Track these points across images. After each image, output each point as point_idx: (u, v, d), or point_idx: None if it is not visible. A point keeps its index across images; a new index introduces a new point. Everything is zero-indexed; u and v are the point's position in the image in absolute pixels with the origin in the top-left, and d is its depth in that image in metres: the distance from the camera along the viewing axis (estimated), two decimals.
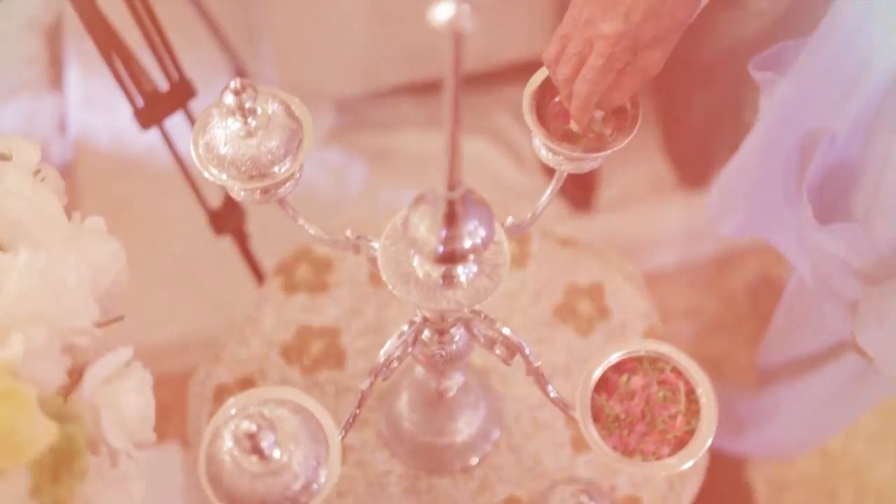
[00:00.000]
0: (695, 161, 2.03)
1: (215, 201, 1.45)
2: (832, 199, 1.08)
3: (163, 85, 1.39)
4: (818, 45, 1.00)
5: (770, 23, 1.76)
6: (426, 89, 2.01)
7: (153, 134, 1.40)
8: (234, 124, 0.83)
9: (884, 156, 0.96)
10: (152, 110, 1.37)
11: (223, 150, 0.84)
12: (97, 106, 2.06)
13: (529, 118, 0.88)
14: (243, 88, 0.81)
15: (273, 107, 0.85)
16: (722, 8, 1.76)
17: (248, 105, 0.82)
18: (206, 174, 0.84)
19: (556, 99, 0.90)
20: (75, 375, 0.75)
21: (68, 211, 0.82)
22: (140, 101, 1.37)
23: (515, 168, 2.00)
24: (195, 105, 1.42)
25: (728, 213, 1.23)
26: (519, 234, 0.92)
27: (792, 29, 1.09)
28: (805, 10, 1.50)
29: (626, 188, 2.03)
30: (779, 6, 1.74)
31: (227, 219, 1.47)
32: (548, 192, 0.92)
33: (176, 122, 1.41)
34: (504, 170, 2.00)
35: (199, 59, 2.06)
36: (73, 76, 2.10)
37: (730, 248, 2.03)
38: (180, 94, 1.38)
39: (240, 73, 2.08)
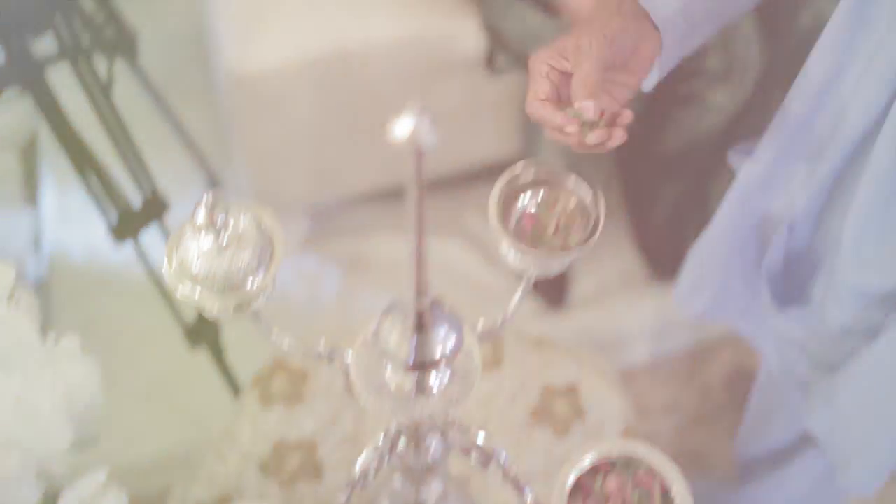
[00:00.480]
0: (665, 254, 2.06)
1: (190, 314, 1.46)
2: (794, 284, 1.10)
3: (136, 199, 1.41)
4: (773, 134, 1.03)
5: (729, 117, 1.81)
6: (398, 194, 2.04)
7: (128, 248, 1.41)
8: (207, 240, 0.84)
9: (835, 241, 0.99)
10: (126, 225, 1.39)
11: (196, 267, 0.84)
12: (72, 221, 2.07)
13: (496, 224, 0.90)
14: (214, 205, 0.82)
15: (245, 221, 0.86)
16: (682, 105, 1.81)
17: (219, 221, 0.83)
18: (177, 293, 0.85)
19: (521, 204, 0.92)
20: (50, 500, 0.74)
21: (44, 329, 0.82)
22: (114, 216, 1.38)
23: (487, 268, 2.02)
24: (169, 215, 1.44)
25: (695, 292, 1.25)
26: (491, 338, 0.93)
27: (750, 122, 1.13)
28: (762, 103, 1.55)
29: (598, 284, 2.05)
30: (736, 100, 1.79)
31: (203, 331, 1.47)
32: (517, 295, 0.93)
33: (150, 236, 1.43)
34: (476, 270, 2.02)
35: (173, 170, 2.09)
36: (48, 192, 2.12)
37: (705, 340, 2.04)
38: (154, 208, 1.40)
39: (213, 182, 2.10)
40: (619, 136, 0.87)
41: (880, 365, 0.97)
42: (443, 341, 0.71)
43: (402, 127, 0.53)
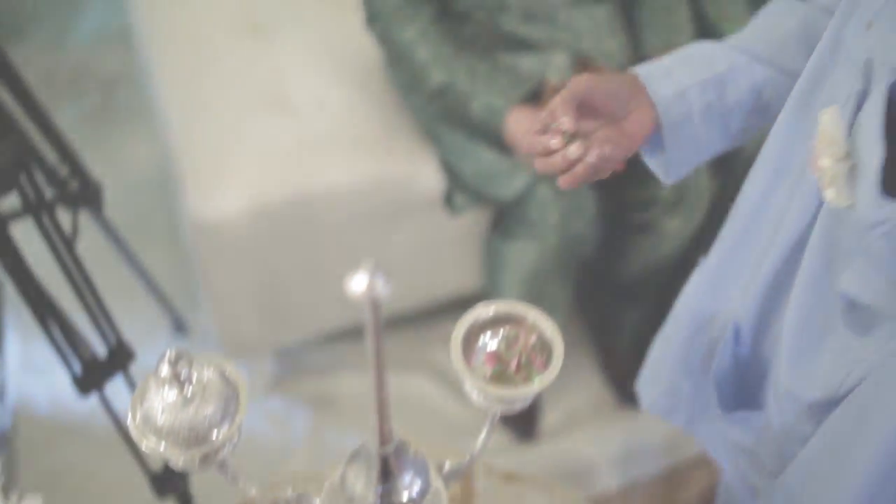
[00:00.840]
0: (632, 380, 2.06)
1: (157, 464, 1.44)
2: (745, 390, 1.12)
3: (101, 349, 1.41)
4: (721, 239, 1.08)
5: (685, 242, 1.85)
6: (363, 333, 2.05)
7: (93, 399, 1.40)
8: (171, 394, 0.84)
9: (773, 345, 1.01)
10: (91, 376, 1.38)
11: (161, 420, 0.85)
12: (36, 372, 2.06)
13: (459, 365, 0.91)
14: (178, 358, 0.83)
15: (208, 373, 0.87)
16: (639, 234, 1.86)
17: (183, 374, 0.84)
18: (142, 447, 0.85)
19: (482, 342, 0.93)
20: None
21: (7, 484, 0.82)
22: (78, 368, 1.38)
23: (455, 401, 2.02)
24: (137, 362, 1.44)
25: (649, 384, 1.26)
26: (459, 478, 0.93)
27: (707, 245, 1.17)
28: (717, 227, 1.60)
29: (567, 413, 2.05)
30: (691, 226, 1.84)
31: (170, 481, 1.45)
32: (483, 433, 0.93)
33: (116, 385, 1.42)
34: (444, 403, 2.02)
35: (139, 316, 2.09)
36: (12, 343, 2.11)
37: (677, 462, 2.03)
38: (118, 358, 1.40)
39: (179, 327, 2.10)
40: (595, 153, 0.95)
41: (808, 470, 0.98)
42: (409, 487, 0.71)
43: (358, 283, 0.56)
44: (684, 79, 1.00)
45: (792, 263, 0.97)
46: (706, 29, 1.84)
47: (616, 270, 1.96)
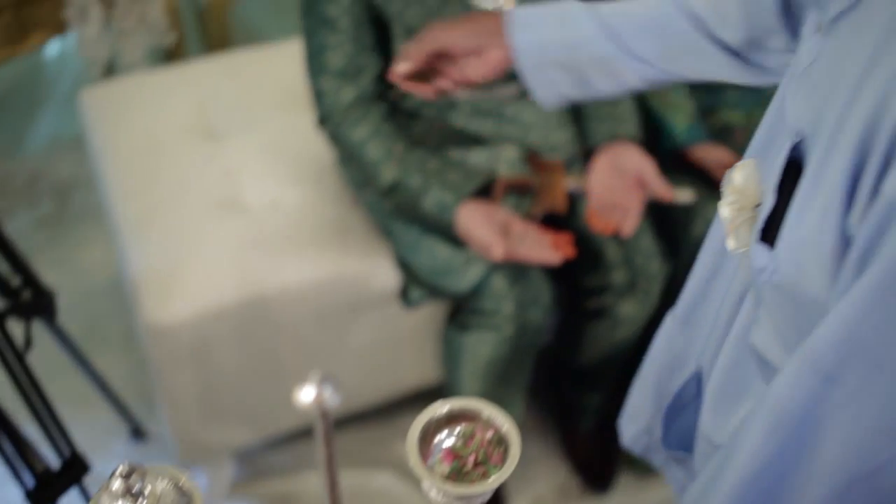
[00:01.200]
0: (596, 464, 2.06)
1: None
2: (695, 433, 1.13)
3: (54, 461, 1.39)
4: (686, 290, 1.10)
5: (641, 326, 1.87)
6: None
7: None
8: None
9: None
10: (44, 490, 1.35)
11: None
12: None
13: (416, 464, 0.91)
14: (131, 472, 0.82)
15: (162, 485, 0.86)
16: (594, 319, 1.87)
17: (136, 488, 0.83)
18: None
19: (438, 440, 0.93)
20: None
21: None
22: (31, 482, 1.35)
23: (418, 496, 2.00)
24: (93, 470, 1.41)
25: (628, 421, 1.26)
26: None
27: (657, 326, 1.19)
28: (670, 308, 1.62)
29: (533, 501, 2.04)
30: (646, 310, 1.86)
31: None
32: None
33: (70, 497, 1.40)
34: (408, 499, 2.00)
35: (95, 424, 2.06)
36: None
37: None
38: (73, 471, 1.37)
39: (137, 433, 2.07)
40: (426, 89, 1.18)
41: None
42: None
43: (306, 394, 0.56)
44: (544, 34, 1.12)
45: (735, 316, 1.00)
46: (650, 118, 1.89)
47: (574, 356, 1.97)
